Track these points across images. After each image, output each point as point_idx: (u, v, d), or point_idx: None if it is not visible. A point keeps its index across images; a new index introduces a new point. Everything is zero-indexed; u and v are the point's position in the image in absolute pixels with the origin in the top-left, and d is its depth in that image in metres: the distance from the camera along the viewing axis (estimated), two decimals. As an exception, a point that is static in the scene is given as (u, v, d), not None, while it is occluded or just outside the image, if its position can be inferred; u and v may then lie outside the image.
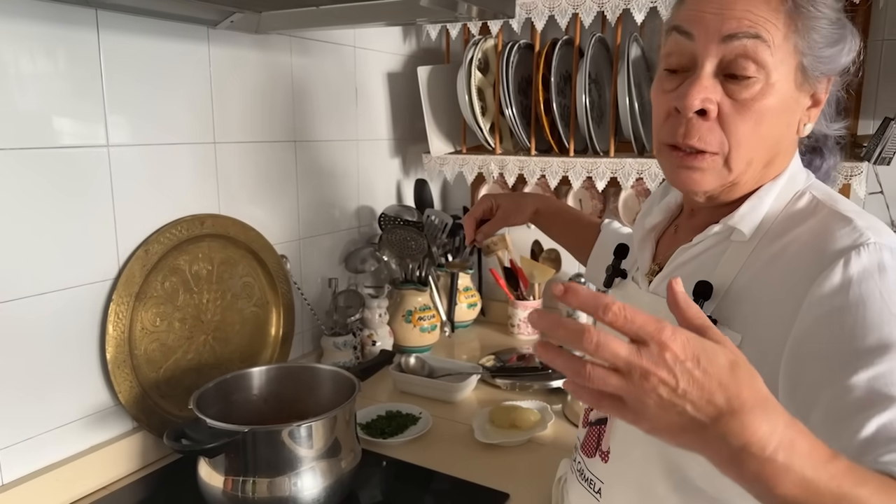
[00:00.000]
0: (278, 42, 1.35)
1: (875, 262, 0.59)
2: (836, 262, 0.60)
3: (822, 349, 0.58)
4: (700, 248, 0.73)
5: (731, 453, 0.44)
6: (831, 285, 0.59)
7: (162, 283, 1.14)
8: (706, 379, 0.43)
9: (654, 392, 0.43)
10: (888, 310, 0.56)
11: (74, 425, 1.05)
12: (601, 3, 1.44)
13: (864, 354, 0.56)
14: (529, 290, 1.79)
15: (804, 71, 0.66)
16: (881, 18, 1.39)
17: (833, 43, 0.67)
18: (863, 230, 0.61)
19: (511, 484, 1.06)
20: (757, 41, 0.64)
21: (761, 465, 0.43)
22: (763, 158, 0.69)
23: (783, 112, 0.67)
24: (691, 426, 0.44)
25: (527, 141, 1.61)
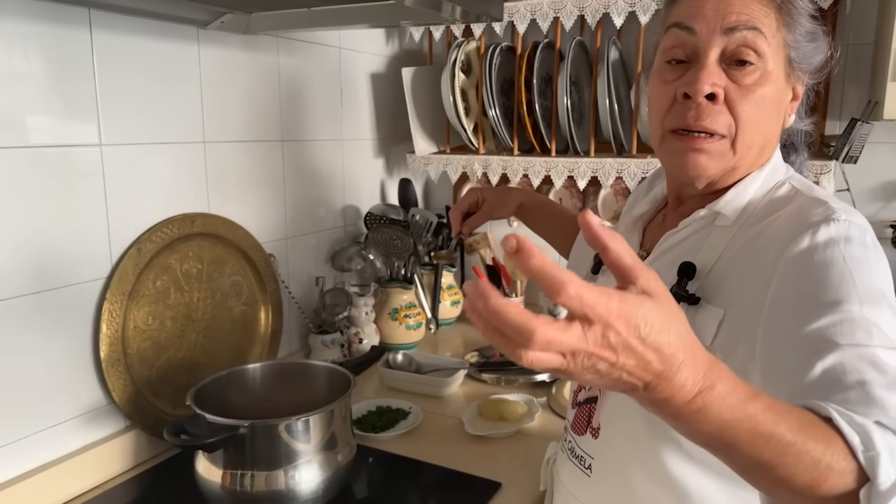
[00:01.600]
0: (266, 43, 1.37)
1: (843, 233, 0.63)
2: (807, 231, 0.64)
3: (787, 305, 0.63)
4: (685, 232, 0.77)
5: (654, 403, 0.46)
6: (800, 249, 0.64)
7: (154, 281, 1.15)
8: (645, 349, 0.43)
9: (594, 368, 0.43)
10: (849, 272, 0.61)
11: (68, 424, 1.05)
12: (581, 7, 1.48)
13: (820, 307, 0.60)
14: (512, 288, 1.83)
15: (791, 64, 0.72)
16: (847, 23, 1.46)
17: (812, 39, 0.73)
18: (836, 209, 0.66)
19: (503, 473, 1.09)
20: (755, 32, 0.69)
21: (680, 410, 0.46)
22: (759, 143, 0.73)
23: (777, 101, 0.72)
24: (623, 387, 0.46)
25: (509, 141, 1.65)
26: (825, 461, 0.47)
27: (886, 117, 1.19)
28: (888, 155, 1.46)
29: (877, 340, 0.57)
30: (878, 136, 1.43)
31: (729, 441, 0.47)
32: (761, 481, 0.49)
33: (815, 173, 1.33)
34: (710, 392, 0.46)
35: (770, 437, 0.46)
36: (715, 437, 0.47)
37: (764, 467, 0.47)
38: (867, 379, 0.54)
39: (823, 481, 0.47)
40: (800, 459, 0.47)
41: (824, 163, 1.33)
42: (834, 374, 0.55)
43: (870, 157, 1.44)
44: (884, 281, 0.62)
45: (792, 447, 0.47)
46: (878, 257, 0.64)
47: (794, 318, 0.61)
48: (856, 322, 0.58)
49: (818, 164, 1.33)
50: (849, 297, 0.59)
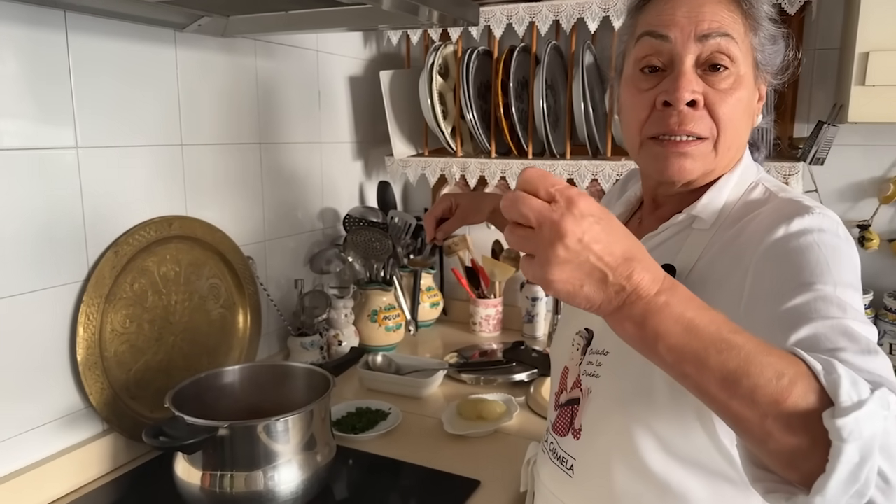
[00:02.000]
0: (243, 46, 1.37)
1: (816, 224, 0.66)
2: (783, 222, 0.67)
3: (764, 291, 0.65)
4: (664, 235, 0.79)
5: (623, 299, 0.50)
6: (775, 238, 0.66)
7: (131, 284, 1.15)
8: (607, 233, 0.49)
9: (561, 242, 0.48)
10: (823, 257, 0.63)
11: (45, 428, 1.04)
12: (556, 13, 1.50)
13: (794, 288, 0.62)
14: (491, 289, 1.85)
15: (757, 66, 0.75)
16: (814, 29, 1.50)
17: (774, 42, 0.76)
18: (810, 205, 0.69)
19: (481, 471, 1.10)
20: (728, 38, 0.72)
21: (647, 304, 0.50)
22: (736, 144, 0.76)
23: (749, 103, 0.75)
24: (592, 276, 0.50)
25: (487, 144, 1.67)
26: (788, 375, 0.48)
27: (851, 120, 1.23)
28: (854, 157, 1.50)
29: (850, 315, 0.59)
30: (845, 138, 1.47)
31: (697, 349, 0.49)
32: (729, 401, 0.49)
33: (783, 174, 1.37)
34: (674, 291, 0.51)
35: (733, 343, 0.49)
36: (683, 346, 0.50)
37: (730, 378, 0.48)
38: (840, 346, 0.55)
39: (788, 395, 0.48)
40: (762, 370, 0.48)
41: (792, 164, 1.36)
42: (808, 344, 0.56)
43: (837, 159, 1.48)
44: (854, 272, 0.65)
45: (755, 356, 0.49)
46: (850, 249, 0.67)
47: (772, 300, 0.63)
48: (829, 299, 0.60)
49: (786, 166, 1.37)
50: (822, 278, 0.62)
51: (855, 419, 0.45)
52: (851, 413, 0.46)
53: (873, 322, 1.43)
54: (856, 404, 0.46)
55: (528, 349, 1.61)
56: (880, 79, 1.18)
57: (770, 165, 1.38)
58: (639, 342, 0.52)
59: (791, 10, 1.30)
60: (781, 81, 0.80)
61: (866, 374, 0.52)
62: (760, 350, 0.50)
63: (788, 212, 0.69)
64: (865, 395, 0.47)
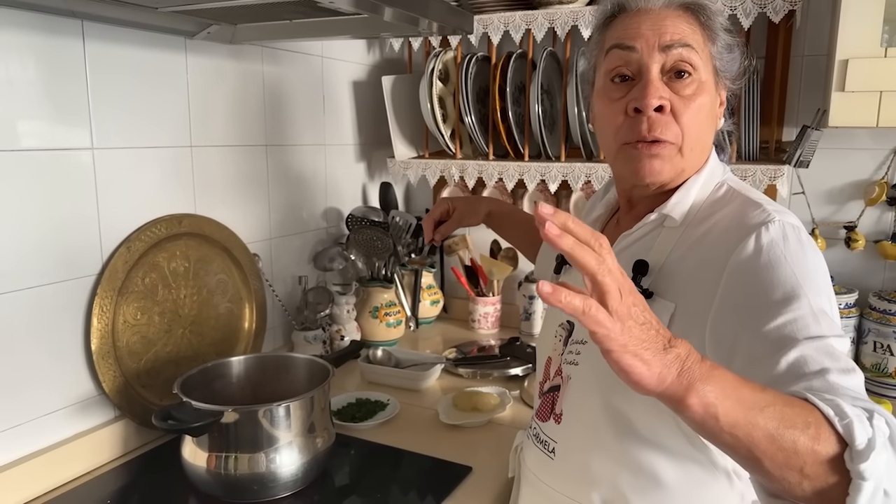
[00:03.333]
0: (251, 52, 1.43)
1: (780, 233, 0.71)
2: (750, 235, 0.72)
3: (740, 304, 0.70)
4: (638, 234, 0.84)
5: (683, 367, 0.53)
6: (746, 253, 0.71)
7: (142, 278, 1.21)
8: (650, 316, 0.54)
9: (636, 312, 0.53)
10: (791, 270, 0.68)
11: (60, 413, 1.10)
12: (552, 20, 1.56)
13: (773, 306, 0.67)
14: (489, 287, 1.90)
15: (717, 73, 0.81)
16: (802, 36, 1.55)
17: (730, 50, 0.82)
18: (770, 212, 0.74)
19: (473, 458, 1.15)
20: (689, 48, 0.78)
21: (703, 370, 0.54)
22: (700, 147, 0.82)
23: (711, 108, 0.81)
24: (657, 342, 0.53)
25: (485, 146, 1.72)
26: (812, 423, 0.54)
27: (831, 124, 1.28)
28: (841, 160, 1.55)
29: (826, 328, 0.65)
30: (832, 142, 1.52)
31: (746, 410, 0.53)
32: (776, 454, 0.54)
33: (770, 177, 1.42)
34: (704, 358, 0.55)
35: (768, 400, 0.54)
36: (735, 410, 0.53)
37: (776, 434, 0.53)
38: (826, 367, 0.61)
39: (818, 442, 0.53)
40: (795, 421, 0.54)
41: (778, 167, 1.41)
42: (798, 367, 0.62)
43: (824, 162, 1.53)
44: (818, 271, 0.71)
45: (784, 409, 0.54)
46: (814, 253, 0.72)
47: (749, 316, 0.68)
48: (807, 317, 0.65)
49: (772, 168, 1.41)
50: (797, 292, 0.67)
51: (873, 462, 0.52)
52: (870, 456, 0.52)
53: (858, 320, 1.47)
54: (869, 445, 0.53)
55: (523, 345, 1.66)
56: (859, 85, 1.23)
57: (757, 168, 1.42)
58: (702, 410, 0.53)
59: (776, 18, 1.35)
60: (739, 87, 0.85)
61: (853, 393, 0.59)
62: (785, 402, 0.55)
63: (752, 220, 0.74)
64: (871, 432, 0.53)
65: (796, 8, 1.34)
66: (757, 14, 1.37)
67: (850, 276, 1.57)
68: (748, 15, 1.37)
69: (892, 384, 1.42)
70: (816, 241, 1.55)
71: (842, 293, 1.47)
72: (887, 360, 1.41)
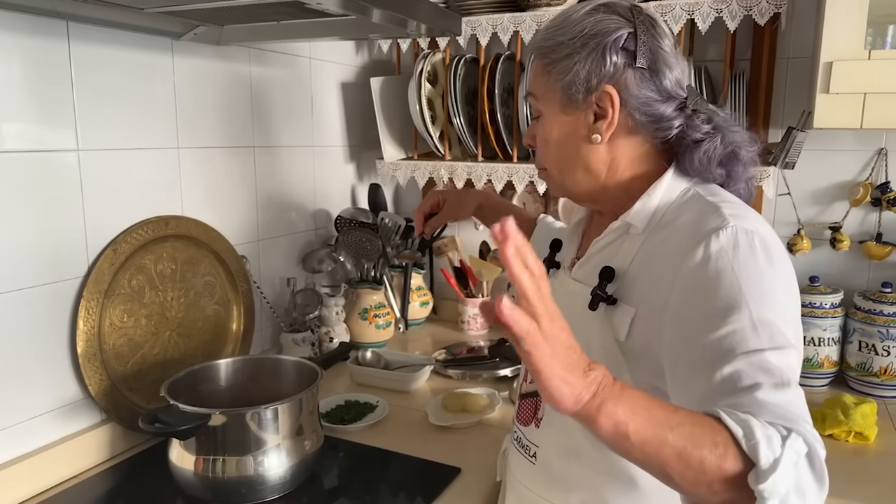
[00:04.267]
0: (238, 53, 1.43)
1: (731, 242, 0.69)
2: (700, 243, 0.71)
3: (686, 314, 0.70)
4: (606, 240, 0.84)
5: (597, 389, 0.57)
6: (695, 262, 0.70)
7: (129, 281, 1.20)
8: (573, 342, 0.58)
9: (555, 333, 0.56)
10: (737, 282, 0.67)
11: (46, 417, 1.09)
12: (539, 22, 1.56)
13: (714, 318, 0.67)
14: (478, 288, 1.90)
15: (569, 97, 0.80)
16: (787, 39, 1.56)
17: (567, 71, 0.79)
18: (726, 216, 0.72)
19: (462, 460, 1.15)
20: (532, 97, 0.86)
21: (613, 391, 0.58)
22: (569, 168, 0.84)
23: (565, 137, 0.83)
24: (574, 362, 0.57)
25: (474, 148, 1.72)
26: (720, 443, 0.57)
27: (816, 126, 1.29)
28: (825, 161, 1.56)
29: (765, 341, 0.64)
30: (818, 143, 1.53)
31: (656, 430, 0.57)
32: (685, 471, 0.57)
33: (755, 178, 1.43)
34: (618, 381, 0.59)
35: (678, 420, 0.58)
36: (644, 429, 0.57)
37: (684, 452, 0.57)
38: (758, 382, 0.62)
39: (725, 461, 0.56)
40: (704, 441, 0.57)
41: (764, 168, 1.42)
42: (730, 382, 0.63)
43: (809, 164, 1.54)
44: (770, 279, 0.69)
45: (694, 429, 0.57)
46: (767, 257, 0.70)
47: (692, 327, 0.68)
48: (746, 329, 0.65)
49: (758, 170, 1.42)
50: (738, 304, 0.66)
51: (773, 482, 0.55)
52: (770, 476, 0.55)
53: (843, 320, 1.48)
54: (772, 466, 0.55)
55: (511, 345, 1.66)
56: (843, 87, 1.24)
57: (743, 169, 1.43)
58: (613, 429, 0.57)
59: (761, 20, 1.36)
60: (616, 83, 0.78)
61: (780, 410, 0.60)
62: (695, 422, 0.58)
63: (706, 226, 0.72)
64: (779, 452, 0.56)
65: (781, 10, 1.35)
66: (743, 16, 1.38)
67: (835, 277, 1.59)
68: (734, 17, 1.39)
69: (877, 383, 1.43)
70: (802, 241, 1.56)
71: (827, 293, 1.48)
72: (872, 360, 1.43)
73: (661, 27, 0.79)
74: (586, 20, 0.78)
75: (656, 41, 0.77)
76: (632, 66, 0.76)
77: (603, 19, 0.77)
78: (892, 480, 1.11)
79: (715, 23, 1.42)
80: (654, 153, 0.82)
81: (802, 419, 0.60)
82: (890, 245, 1.51)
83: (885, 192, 1.49)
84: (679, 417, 0.58)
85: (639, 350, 0.76)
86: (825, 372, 1.48)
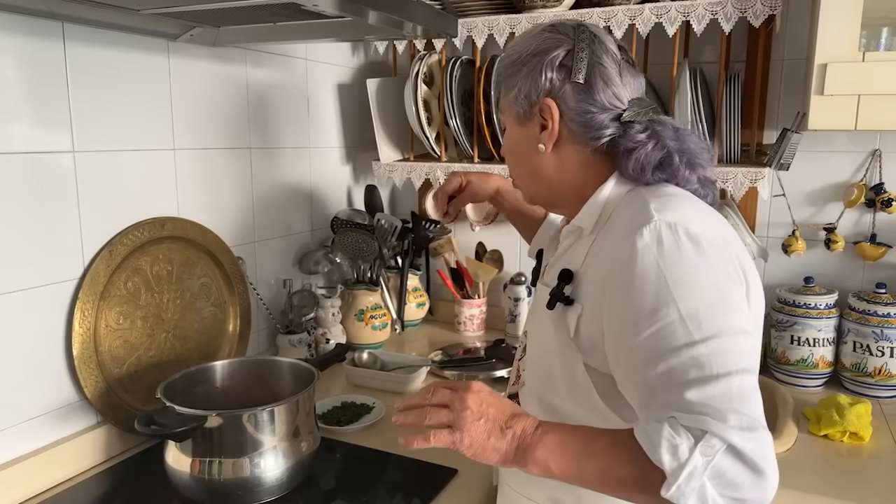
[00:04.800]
0: (234, 54, 1.43)
1: (654, 237, 0.72)
2: (627, 240, 0.73)
3: (618, 315, 0.73)
4: (566, 244, 0.89)
5: (517, 442, 0.71)
6: (622, 260, 0.73)
7: (125, 283, 1.20)
8: (490, 403, 0.74)
9: (468, 410, 0.72)
10: (663, 278, 0.70)
11: (42, 419, 1.09)
12: (535, 23, 1.56)
13: (644, 318, 0.70)
14: (474, 289, 1.90)
15: (522, 112, 0.87)
16: (781, 41, 1.57)
17: (514, 87, 0.86)
18: (652, 212, 0.74)
19: (459, 461, 1.15)
20: (499, 111, 0.93)
21: (533, 439, 0.71)
22: (523, 175, 0.92)
23: (519, 147, 0.90)
24: (494, 429, 0.72)
25: (470, 149, 1.73)
26: (638, 459, 0.65)
27: (810, 128, 1.29)
28: (819, 162, 1.57)
29: (694, 332, 0.67)
30: (811, 145, 1.54)
31: (574, 461, 0.69)
32: (609, 490, 0.69)
33: (750, 179, 1.43)
34: (546, 427, 0.72)
35: (596, 448, 0.69)
36: (565, 463, 0.69)
37: (604, 475, 0.68)
38: (690, 378, 0.66)
39: (640, 474, 0.65)
40: (621, 461, 0.67)
41: (759, 170, 1.43)
42: (662, 383, 0.68)
43: (804, 165, 1.55)
44: (698, 268, 0.70)
45: (613, 452, 0.68)
46: (695, 247, 0.71)
47: (623, 327, 0.72)
48: (675, 325, 0.68)
49: (753, 171, 1.43)
50: (665, 301, 0.69)
51: (678, 487, 0.61)
52: (674, 483, 0.62)
53: (838, 321, 1.49)
54: (675, 472, 0.62)
55: (508, 347, 1.66)
56: (837, 89, 1.25)
57: (738, 170, 1.44)
58: (539, 469, 0.70)
59: (756, 22, 1.37)
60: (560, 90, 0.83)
61: (704, 407, 0.64)
62: (615, 444, 0.68)
63: (633, 225, 0.74)
64: (685, 458, 0.62)
65: (776, 13, 1.35)
66: (738, 18, 1.39)
67: (829, 278, 1.59)
68: (729, 19, 1.39)
69: (872, 383, 1.44)
70: (797, 242, 1.57)
71: (822, 294, 1.49)
72: (867, 360, 1.43)
73: (605, 44, 0.83)
74: (533, 40, 0.85)
75: (596, 57, 0.81)
76: (569, 81, 0.82)
77: (547, 38, 0.83)
78: (886, 480, 1.12)
79: (710, 25, 1.43)
80: (601, 160, 0.85)
81: (730, 411, 0.63)
82: (884, 246, 1.52)
83: (880, 194, 1.50)
84: (597, 445, 0.69)
85: (588, 346, 0.80)
86: (820, 372, 1.49)
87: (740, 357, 0.67)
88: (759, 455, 0.62)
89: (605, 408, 0.79)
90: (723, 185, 1.46)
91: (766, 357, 1.57)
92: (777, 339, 1.52)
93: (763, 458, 0.62)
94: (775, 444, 1.19)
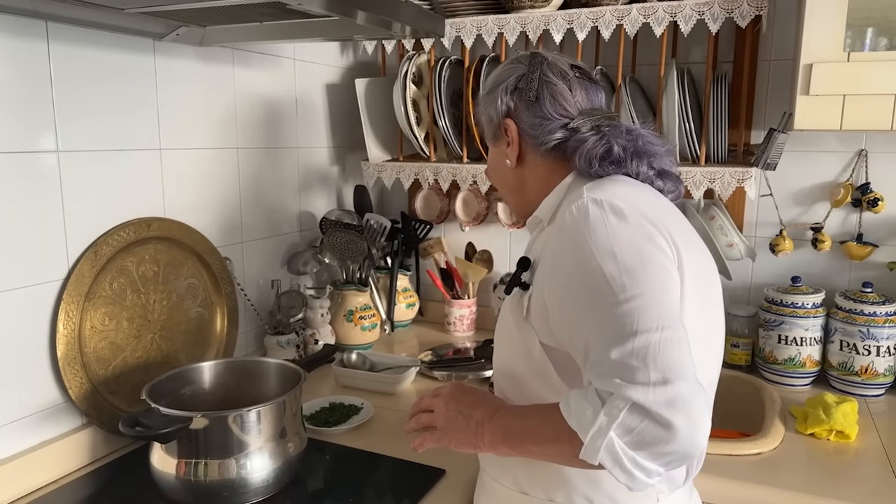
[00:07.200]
0: (221, 54, 1.42)
1: (583, 213, 0.79)
2: (561, 219, 0.81)
3: (554, 286, 0.80)
4: (533, 235, 0.97)
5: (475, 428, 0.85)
6: (555, 237, 0.82)
7: (110, 283, 1.19)
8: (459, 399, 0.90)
9: (443, 409, 0.90)
10: (588, 247, 0.76)
11: (25, 421, 1.08)
12: (524, 24, 1.57)
13: (574, 283, 0.76)
14: (464, 290, 1.90)
15: (492, 133, 0.98)
16: (768, 41, 1.58)
17: (483, 114, 0.99)
18: (583, 192, 0.81)
19: (447, 462, 1.15)
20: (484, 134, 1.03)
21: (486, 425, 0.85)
22: (508, 190, 1.00)
23: (497, 166, 1.00)
24: (463, 422, 0.87)
25: (459, 149, 1.73)
26: (563, 431, 0.72)
27: (797, 128, 1.30)
28: (806, 162, 1.58)
29: (618, 293, 0.72)
30: (798, 145, 1.55)
31: (518, 441, 0.81)
32: (547, 459, 0.80)
33: (738, 179, 1.44)
34: (501, 412, 0.85)
35: (532, 428, 0.80)
36: (511, 442, 0.82)
37: (543, 450, 0.78)
38: (607, 339, 0.70)
39: (567, 443, 0.72)
40: (554, 437, 0.75)
41: (746, 169, 1.43)
42: (591, 345, 0.73)
43: (791, 165, 1.56)
44: (620, 235, 0.76)
45: (544, 429, 0.77)
46: (617, 217, 0.77)
47: (561, 297, 0.78)
48: (601, 288, 0.73)
49: (740, 171, 1.44)
50: (591, 265, 0.74)
51: (586, 448, 0.68)
52: (584, 445, 0.69)
53: (825, 320, 1.50)
54: (583, 434, 0.69)
55: (498, 347, 1.66)
56: (823, 89, 1.25)
57: (725, 170, 1.45)
58: (495, 451, 0.86)
59: (743, 23, 1.37)
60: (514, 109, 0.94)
61: (616, 367, 0.68)
62: (546, 419, 0.77)
63: (567, 205, 0.82)
64: (589, 420, 0.68)
65: (762, 13, 1.36)
66: (724, 19, 1.39)
67: (817, 277, 1.60)
68: (716, 20, 1.40)
69: (858, 382, 1.44)
70: (784, 242, 1.57)
71: (809, 293, 1.49)
72: (853, 359, 1.44)
73: (557, 65, 0.92)
74: (498, 72, 0.96)
75: (545, 77, 0.91)
76: (523, 100, 0.92)
77: (507, 68, 0.95)
78: (873, 479, 1.13)
79: (697, 25, 1.43)
80: (562, 166, 0.92)
81: (641, 368, 0.67)
82: (870, 245, 1.53)
83: (866, 193, 1.51)
84: (533, 423, 0.79)
85: (538, 323, 0.84)
86: (807, 371, 1.50)
87: (662, 315, 0.70)
88: (667, 408, 0.64)
89: (563, 384, 0.83)
90: (710, 184, 1.46)
91: (754, 356, 1.58)
92: (765, 339, 1.53)
93: (673, 410, 0.64)
94: (763, 443, 1.20)
